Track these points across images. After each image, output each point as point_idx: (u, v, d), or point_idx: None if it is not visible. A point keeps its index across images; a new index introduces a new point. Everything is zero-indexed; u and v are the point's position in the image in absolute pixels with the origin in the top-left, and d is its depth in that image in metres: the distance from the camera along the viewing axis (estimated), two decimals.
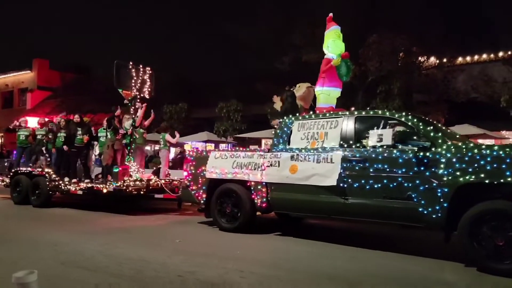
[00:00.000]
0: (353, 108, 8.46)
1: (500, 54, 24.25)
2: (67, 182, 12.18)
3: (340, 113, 8.09)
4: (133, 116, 12.50)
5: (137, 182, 11.19)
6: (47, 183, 12.16)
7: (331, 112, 8.30)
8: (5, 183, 13.65)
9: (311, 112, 8.76)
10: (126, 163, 12.03)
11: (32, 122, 17.83)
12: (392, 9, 23.36)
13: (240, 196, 8.73)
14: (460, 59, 25.84)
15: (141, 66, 12.56)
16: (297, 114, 8.90)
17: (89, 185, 11.76)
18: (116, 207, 11.83)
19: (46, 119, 14.66)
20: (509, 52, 23.35)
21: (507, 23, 22.63)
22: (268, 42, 26.41)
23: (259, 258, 6.61)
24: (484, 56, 25.66)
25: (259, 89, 27.28)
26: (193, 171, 9.64)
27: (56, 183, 12.18)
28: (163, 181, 11.62)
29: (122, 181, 11.14)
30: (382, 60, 22.41)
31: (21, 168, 13.25)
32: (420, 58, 24.23)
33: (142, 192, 11.08)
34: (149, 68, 12.74)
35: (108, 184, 11.43)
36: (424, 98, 24.39)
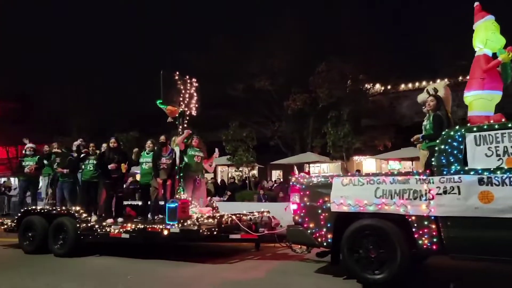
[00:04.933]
0: None
1: (438, 81, 25.93)
2: (105, 223, 9.42)
3: None
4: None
5: (210, 220, 8.67)
6: (77, 224, 9.32)
7: None
8: (6, 226, 10.59)
9: (491, 121, 6.64)
10: (177, 196, 9.45)
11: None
12: (340, 38, 25.14)
13: (391, 235, 6.48)
14: (403, 86, 28.40)
15: (187, 77, 10.15)
16: (469, 124, 6.80)
17: (140, 225, 9.00)
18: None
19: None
20: (446, 79, 24.22)
21: (443, 53, 23.70)
22: (221, 70, 26.71)
23: None
24: (425, 83, 27.19)
25: (213, 115, 27.21)
26: (307, 204, 7.29)
27: (89, 224, 9.37)
28: (233, 217, 9.14)
29: (195, 219, 8.57)
30: (331, 87, 23.82)
31: (34, 207, 10.31)
32: (366, 85, 26.36)
33: (215, 233, 8.52)
34: (195, 80, 10.35)
35: (172, 224, 8.68)
36: (372, 122, 26.28)
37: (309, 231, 7.20)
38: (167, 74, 9.77)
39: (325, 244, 7.09)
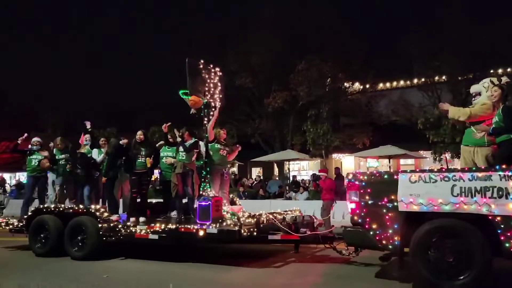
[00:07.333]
0: None
1: (415, 81, 26.78)
2: (128, 223, 8.61)
3: None
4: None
5: (250, 219, 8.01)
6: (99, 224, 8.46)
7: None
8: (11, 226, 9.60)
9: None
10: (204, 192, 8.70)
11: None
12: (319, 37, 25.23)
13: (471, 237, 5.98)
14: (381, 85, 28.73)
15: (211, 66, 9.46)
16: None
17: (171, 225, 8.21)
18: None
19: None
20: (423, 79, 25.68)
21: (419, 54, 24.08)
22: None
23: None
24: (402, 82, 28.62)
25: (192, 112, 26.78)
26: (369, 202, 6.70)
27: (112, 224, 8.53)
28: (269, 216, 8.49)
29: (235, 219, 7.88)
30: (311, 86, 23.83)
31: (47, 206, 9.38)
32: (345, 84, 26.37)
33: (255, 233, 7.84)
34: (218, 69, 9.66)
35: (208, 224, 7.92)
36: (350, 121, 26.94)
37: (371, 233, 6.64)
38: (193, 62, 9.02)
39: (390, 247, 6.54)
